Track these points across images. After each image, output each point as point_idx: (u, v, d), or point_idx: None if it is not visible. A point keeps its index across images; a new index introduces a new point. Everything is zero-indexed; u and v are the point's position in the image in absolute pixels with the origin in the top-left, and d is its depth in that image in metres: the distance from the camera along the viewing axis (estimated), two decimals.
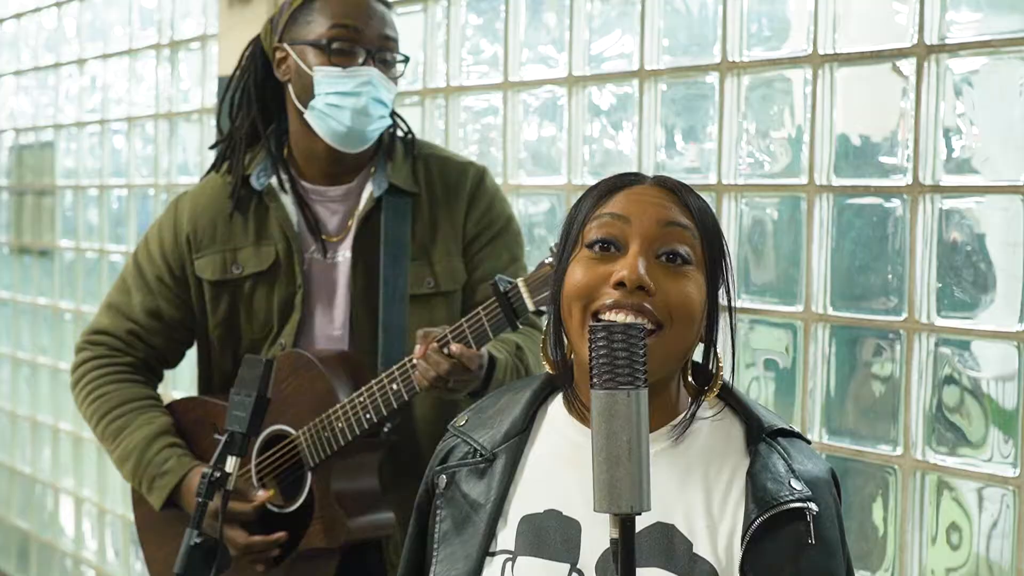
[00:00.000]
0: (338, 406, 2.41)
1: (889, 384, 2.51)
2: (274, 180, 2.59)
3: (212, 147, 2.73)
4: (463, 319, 2.23)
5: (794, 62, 2.63)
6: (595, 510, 1.42)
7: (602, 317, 1.58)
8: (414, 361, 2.27)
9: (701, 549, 1.59)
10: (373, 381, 2.36)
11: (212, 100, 4.13)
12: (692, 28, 2.86)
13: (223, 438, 2.18)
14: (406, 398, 2.33)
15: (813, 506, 1.58)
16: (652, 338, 1.57)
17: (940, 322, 2.42)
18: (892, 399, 2.50)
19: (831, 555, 1.62)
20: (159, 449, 2.56)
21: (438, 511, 1.74)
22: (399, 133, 2.65)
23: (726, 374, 1.68)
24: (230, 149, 2.65)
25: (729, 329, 1.67)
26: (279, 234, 2.57)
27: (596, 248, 1.62)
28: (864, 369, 2.59)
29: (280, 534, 2.47)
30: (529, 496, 1.69)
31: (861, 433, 2.56)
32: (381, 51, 2.51)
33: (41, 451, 5.40)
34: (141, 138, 4.70)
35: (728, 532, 1.60)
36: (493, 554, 1.67)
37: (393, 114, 2.63)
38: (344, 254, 2.58)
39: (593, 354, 1.43)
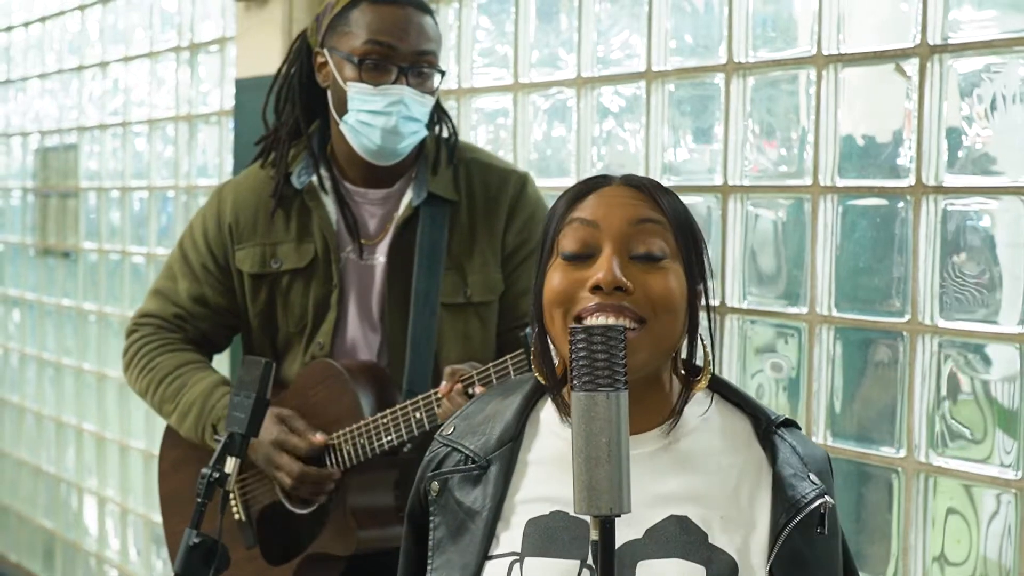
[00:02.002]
0: (362, 423, 2.43)
1: (893, 386, 2.50)
2: (315, 179, 2.59)
3: (257, 143, 2.73)
4: (491, 364, 2.22)
5: (798, 63, 2.62)
6: (575, 511, 1.44)
7: (585, 321, 1.59)
8: (439, 396, 2.28)
9: (717, 540, 1.61)
10: (398, 406, 2.38)
11: (231, 103, 4.15)
12: (699, 29, 2.85)
13: (222, 439, 2.19)
14: (427, 428, 2.34)
15: (830, 500, 1.63)
16: (637, 333, 1.58)
17: (943, 324, 2.41)
18: (896, 401, 2.49)
19: (834, 546, 1.68)
20: (220, 396, 2.57)
21: (432, 519, 1.74)
22: (444, 134, 2.63)
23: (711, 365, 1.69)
24: (274, 145, 2.65)
25: (710, 322, 1.68)
26: (319, 232, 2.58)
27: (570, 255, 1.63)
28: (868, 371, 2.57)
29: (334, 471, 2.47)
30: (532, 500, 1.69)
31: (865, 435, 2.55)
32: (416, 66, 2.48)
33: (65, 451, 5.45)
34: (162, 140, 4.73)
35: (746, 524, 1.62)
36: (493, 557, 1.67)
37: (440, 112, 2.63)
38: (380, 257, 2.58)
39: (573, 356, 1.45)
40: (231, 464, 2.19)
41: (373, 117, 2.48)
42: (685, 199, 2.74)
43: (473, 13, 3.38)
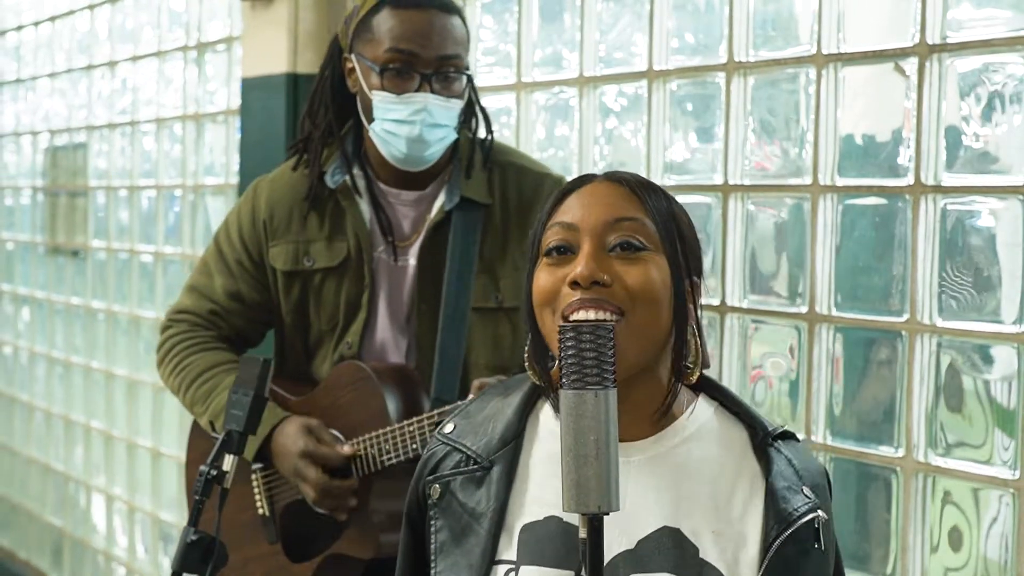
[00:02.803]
0: (388, 429, 2.42)
1: (892, 385, 2.49)
2: (348, 178, 2.58)
3: (290, 147, 2.70)
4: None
5: (799, 62, 2.62)
6: (564, 509, 1.43)
7: (570, 318, 1.59)
8: None
9: (707, 555, 1.60)
10: (425, 415, 2.37)
11: (237, 102, 4.16)
12: (700, 28, 2.85)
13: (220, 436, 2.20)
14: None
15: (823, 514, 1.63)
16: (618, 325, 1.57)
17: (942, 323, 2.41)
18: (895, 400, 2.49)
19: (826, 561, 1.65)
20: None
21: (433, 521, 1.73)
22: (480, 133, 2.61)
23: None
24: (307, 148, 2.63)
25: (697, 316, 1.68)
26: (351, 232, 2.57)
27: (553, 254, 1.65)
28: (868, 370, 2.57)
29: (353, 482, 2.46)
30: (529, 504, 1.68)
31: (864, 434, 2.55)
32: (440, 72, 2.45)
33: (74, 449, 5.47)
34: (169, 139, 4.74)
35: (737, 538, 1.61)
36: (496, 563, 1.66)
37: (480, 110, 2.60)
38: (411, 259, 2.57)
39: (562, 354, 1.45)
40: (229, 462, 2.20)
41: (397, 126, 2.46)
42: (686, 198, 2.79)
43: (477, 12, 3.39)
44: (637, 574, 1.59)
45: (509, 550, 1.66)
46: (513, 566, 1.65)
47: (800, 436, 2.55)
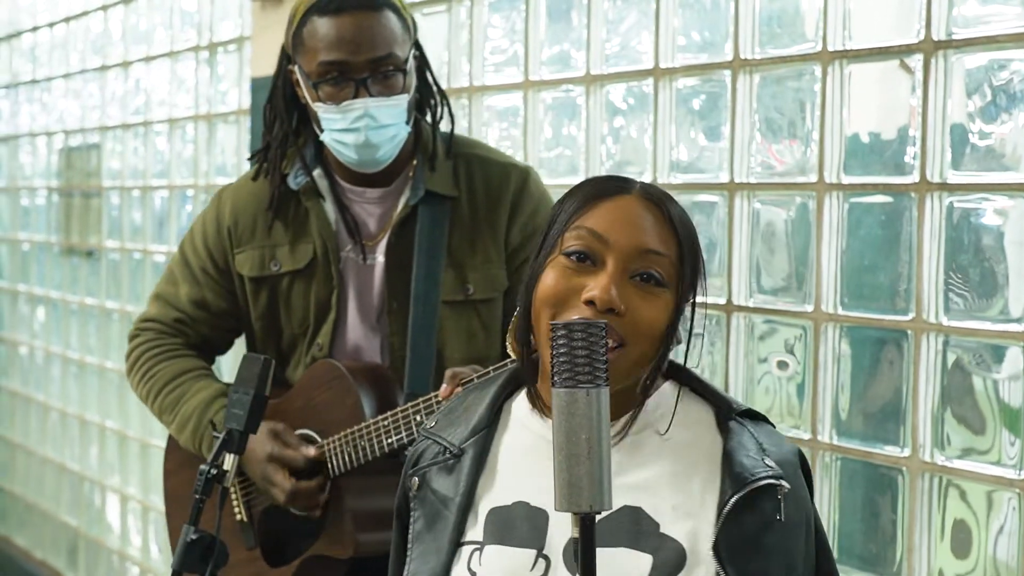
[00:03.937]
0: (363, 425, 2.41)
1: (898, 385, 2.48)
2: (310, 180, 2.56)
3: (250, 158, 2.69)
4: (492, 368, 2.18)
5: (804, 59, 2.61)
6: (556, 509, 1.44)
7: None
8: (439, 398, 2.27)
9: (668, 529, 1.61)
10: (399, 408, 2.37)
11: (248, 101, 4.17)
12: (706, 26, 2.84)
13: (221, 435, 2.20)
14: None
15: (785, 484, 1.62)
16: (614, 353, 1.60)
17: (948, 322, 2.39)
18: (901, 400, 2.47)
19: (793, 535, 1.65)
20: (216, 411, 2.55)
21: (412, 513, 1.78)
22: (441, 123, 2.59)
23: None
24: (267, 158, 2.62)
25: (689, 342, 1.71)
26: (316, 233, 2.56)
27: (573, 258, 1.65)
28: (873, 369, 2.56)
29: (319, 480, 2.47)
30: (498, 489, 1.72)
31: (870, 434, 2.54)
32: (376, 74, 2.41)
33: (89, 449, 5.48)
34: (181, 139, 4.75)
35: (695, 510, 1.62)
36: (462, 545, 1.70)
37: (440, 99, 2.59)
38: (379, 257, 2.56)
39: (554, 352, 1.45)
40: (229, 461, 2.20)
41: (343, 135, 2.44)
42: (692, 197, 2.78)
43: (484, 11, 3.38)
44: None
45: (475, 531, 1.70)
46: (478, 546, 1.68)
47: (805, 435, 2.56)
